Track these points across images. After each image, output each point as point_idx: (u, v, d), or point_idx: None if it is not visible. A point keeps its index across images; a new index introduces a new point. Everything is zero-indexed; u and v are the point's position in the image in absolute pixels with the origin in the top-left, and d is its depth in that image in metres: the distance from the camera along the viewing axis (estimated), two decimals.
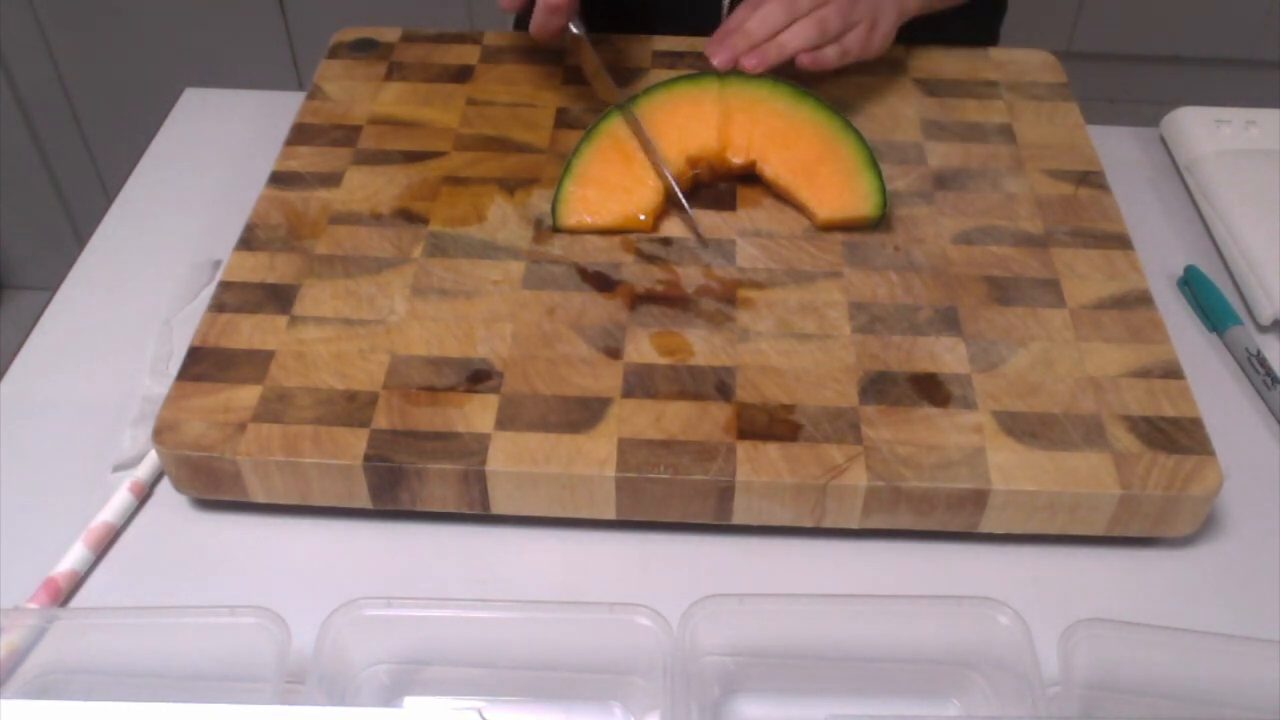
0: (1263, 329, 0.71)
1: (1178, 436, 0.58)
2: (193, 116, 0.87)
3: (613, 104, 0.75)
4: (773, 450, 0.57)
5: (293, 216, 0.71)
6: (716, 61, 0.74)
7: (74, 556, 0.57)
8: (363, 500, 0.59)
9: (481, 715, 0.41)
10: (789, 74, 0.75)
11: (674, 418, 0.59)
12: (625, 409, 0.59)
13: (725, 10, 0.88)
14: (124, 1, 1.58)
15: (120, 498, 0.60)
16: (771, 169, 0.72)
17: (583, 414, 0.59)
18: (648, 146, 0.72)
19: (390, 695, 0.52)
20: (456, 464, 0.57)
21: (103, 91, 1.68)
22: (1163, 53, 1.59)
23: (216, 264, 0.74)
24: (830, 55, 0.75)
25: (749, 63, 0.73)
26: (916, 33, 0.83)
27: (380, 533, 0.59)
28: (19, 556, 0.58)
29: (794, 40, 0.74)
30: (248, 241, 0.69)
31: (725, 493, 0.57)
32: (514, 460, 0.57)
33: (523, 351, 0.62)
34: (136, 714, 0.41)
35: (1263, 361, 0.67)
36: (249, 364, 0.61)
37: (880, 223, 0.71)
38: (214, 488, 0.59)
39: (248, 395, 0.60)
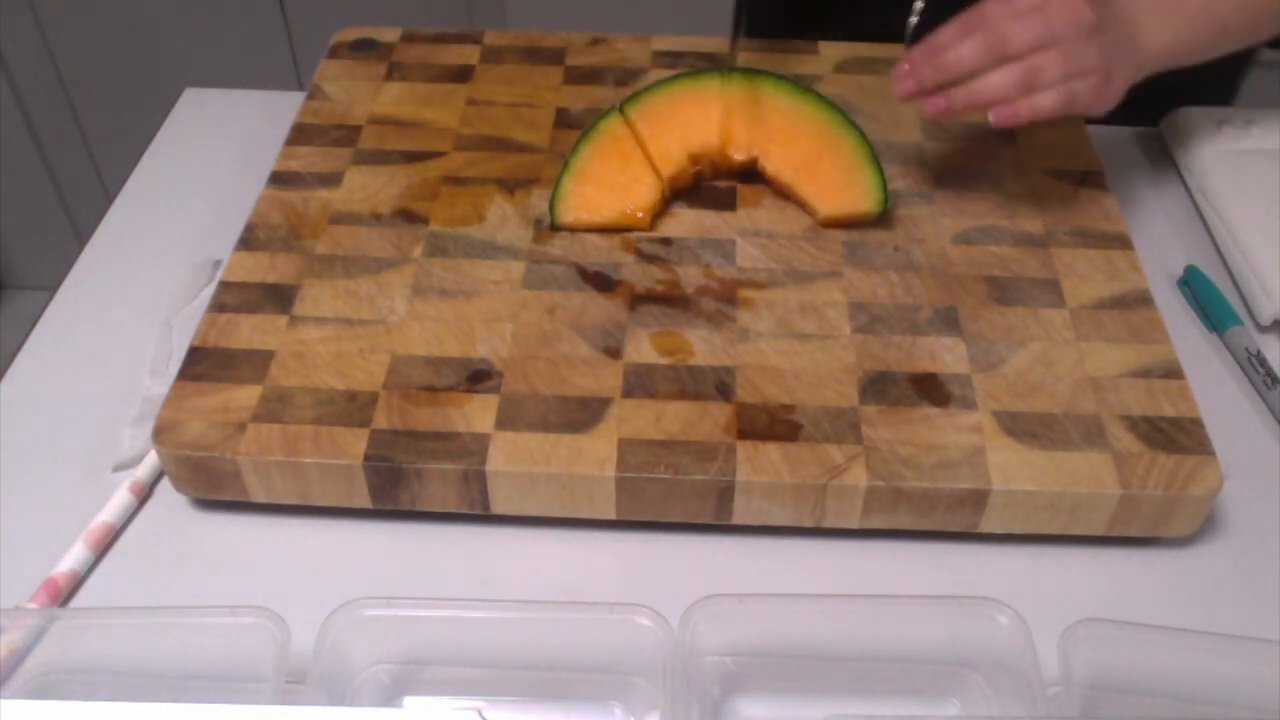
0: (1263, 329, 0.70)
1: (1178, 436, 0.58)
2: (193, 116, 0.87)
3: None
4: (773, 450, 0.57)
5: (293, 216, 0.71)
6: (898, 91, 0.64)
7: (74, 556, 0.57)
8: (363, 500, 0.58)
9: (481, 715, 0.41)
10: (789, 71, 0.74)
11: (674, 418, 0.59)
12: (625, 409, 0.59)
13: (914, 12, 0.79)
14: (124, 1, 1.58)
15: (120, 498, 0.60)
16: (773, 165, 0.72)
17: (583, 414, 0.59)
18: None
19: (390, 695, 0.52)
20: (456, 464, 0.57)
21: (103, 91, 1.68)
22: None
23: (216, 264, 0.74)
24: (1044, 103, 0.62)
25: (932, 107, 0.63)
26: None
27: (380, 533, 0.59)
28: (19, 556, 0.58)
29: (991, 89, 0.62)
30: (248, 241, 0.69)
31: (725, 493, 0.57)
32: (514, 460, 0.57)
33: (523, 351, 0.62)
34: (136, 714, 0.41)
35: (1263, 361, 0.67)
36: (249, 364, 0.61)
37: (881, 219, 0.71)
38: (214, 488, 0.59)
39: (248, 395, 0.60)
